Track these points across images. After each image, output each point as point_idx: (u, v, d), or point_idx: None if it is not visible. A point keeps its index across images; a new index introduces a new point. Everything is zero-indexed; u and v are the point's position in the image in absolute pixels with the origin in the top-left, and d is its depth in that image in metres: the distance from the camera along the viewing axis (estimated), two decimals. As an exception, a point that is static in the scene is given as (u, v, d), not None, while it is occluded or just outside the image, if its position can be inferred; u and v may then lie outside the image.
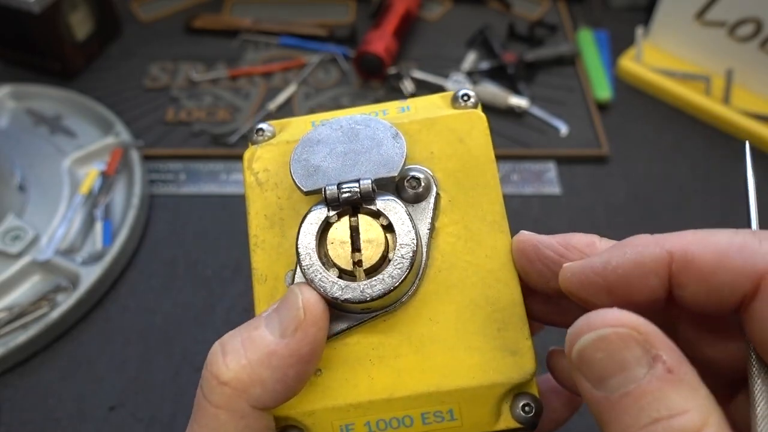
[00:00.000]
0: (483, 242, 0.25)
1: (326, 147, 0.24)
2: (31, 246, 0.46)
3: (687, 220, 0.51)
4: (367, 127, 0.24)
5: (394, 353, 0.24)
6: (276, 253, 0.25)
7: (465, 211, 0.25)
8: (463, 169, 0.26)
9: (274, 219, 0.26)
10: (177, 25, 0.67)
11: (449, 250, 0.25)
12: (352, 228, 0.24)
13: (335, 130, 0.24)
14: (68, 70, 0.60)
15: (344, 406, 0.23)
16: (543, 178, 0.54)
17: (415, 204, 0.25)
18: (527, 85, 0.61)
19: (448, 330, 0.24)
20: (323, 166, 0.24)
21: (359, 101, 0.60)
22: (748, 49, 0.57)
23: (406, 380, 0.23)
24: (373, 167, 0.23)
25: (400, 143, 0.24)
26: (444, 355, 0.24)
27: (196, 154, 0.55)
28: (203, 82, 0.61)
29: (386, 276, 0.23)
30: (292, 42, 0.65)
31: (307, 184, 0.23)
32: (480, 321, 0.24)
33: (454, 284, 0.24)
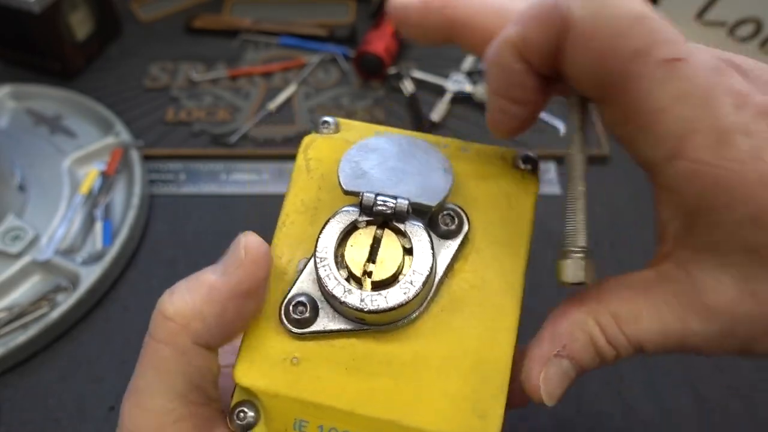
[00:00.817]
0: (493, 300, 0.25)
1: (379, 157, 0.24)
2: (31, 246, 0.46)
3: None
4: (424, 152, 0.25)
5: (372, 371, 0.24)
6: (299, 238, 0.25)
7: (487, 264, 0.25)
8: (500, 224, 0.26)
9: (309, 206, 0.26)
10: (177, 25, 0.67)
11: (459, 294, 0.25)
12: (375, 239, 0.24)
13: (393, 145, 0.25)
14: (68, 70, 0.60)
15: (308, 403, 0.23)
16: (543, 178, 0.54)
17: (442, 239, 0.25)
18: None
19: (430, 369, 0.24)
20: (370, 173, 0.24)
21: (359, 101, 0.60)
22: (748, 49, 0.57)
23: (372, 400, 0.23)
24: (415, 191, 0.24)
25: (448, 178, 0.24)
26: (417, 390, 0.23)
27: (196, 154, 0.55)
28: (203, 82, 0.61)
29: (389, 295, 0.23)
30: (292, 42, 0.65)
31: (349, 184, 0.24)
32: (463, 373, 0.24)
33: (452, 328, 0.24)
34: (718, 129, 0.19)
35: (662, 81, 0.19)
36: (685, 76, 0.19)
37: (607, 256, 0.48)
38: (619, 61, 0.19)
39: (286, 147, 0.56)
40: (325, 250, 0.24)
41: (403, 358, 0.24)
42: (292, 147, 0.56)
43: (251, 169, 0.54)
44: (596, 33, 0.19)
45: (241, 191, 0.53)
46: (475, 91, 0.59)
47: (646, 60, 0.19)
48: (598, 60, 0.19)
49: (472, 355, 0.24)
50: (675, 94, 0.19)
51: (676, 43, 0.20)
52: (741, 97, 0.19)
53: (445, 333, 0.24)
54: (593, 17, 0.19)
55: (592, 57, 0.19)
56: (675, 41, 0.20)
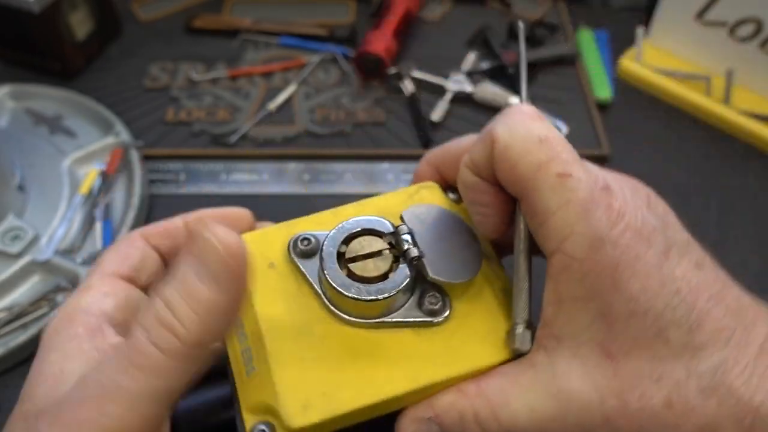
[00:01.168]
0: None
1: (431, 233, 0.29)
2: (31, 246, 0.46)
3: (687, 219, 0.51)
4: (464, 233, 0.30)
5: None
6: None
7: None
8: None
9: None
10: (177, 25, 0.67)
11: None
12: (380, 250, 0.28)
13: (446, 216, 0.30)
14: (68, 70, 0.60)
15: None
16: (543, 178, 0.54)
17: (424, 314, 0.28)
18: (527, 85, 0.61)
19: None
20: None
21: (359, 101, 0.59)
22: (749, 49, 0.57)
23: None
24: (439, 265, 0.28)
25: (474, 268, 0.28)
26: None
27: (196, 154, 0.55)
28: (203, 82, 0.61)
29: (361, 287, 0.27)
30: (292, 42, 0.65)
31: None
32: None
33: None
34: (592, 236, 0.23)
35: (553, 190, 0.24)
36: (570, 188, 0.24)
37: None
38: (526, 170, 0.24)
39: (287, 147, 0.56)
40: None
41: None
42: (293, 147, 0.56)
43: (251, 169, 0.54)
44: (510, 148, 0.25)
45: (241, 191, 0.53)
46: (476, 92, 0.59)
47: (545, 172, 0.24)
48: (512, 169, 0.25)
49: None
50: (562, 202, 0.24)
51: (568, 162, 0.24)
52: (613, 213, 0.24)
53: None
54: (510, 136, 0.25)
55: (508, 166, 0.25)
56: (567, 160, 0.24)
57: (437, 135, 0.57)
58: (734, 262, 0.48)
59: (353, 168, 0.55)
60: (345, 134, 0.57)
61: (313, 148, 0.56)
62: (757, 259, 0.48)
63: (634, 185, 0.28)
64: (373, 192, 0.52)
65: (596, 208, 0.23)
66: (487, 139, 0.26)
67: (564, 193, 0.24)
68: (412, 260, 0.27)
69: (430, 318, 0.27)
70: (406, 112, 0.59)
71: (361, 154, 0.55)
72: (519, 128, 0.25)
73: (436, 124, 0.57)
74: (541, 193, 0.24)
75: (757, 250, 0.49)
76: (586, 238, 0.23)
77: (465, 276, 0.27)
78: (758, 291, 0.46)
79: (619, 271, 0.23)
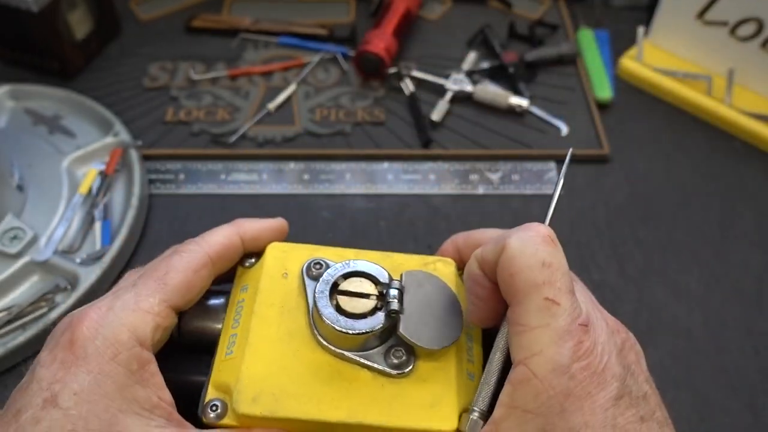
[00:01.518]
0: None
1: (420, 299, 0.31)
2: (30, 246, 0.46)
3: (687, 219, 0.51)
4: (449, 302, 0.32)
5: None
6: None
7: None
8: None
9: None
10: (176, 25, 0.67)
11: None
12: (368, 293, 0.31)
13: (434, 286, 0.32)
14: (67, 70, 0.60)
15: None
16: (543, 179, 0.54)
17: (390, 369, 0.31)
18: (527, 84, 0.61)
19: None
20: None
21: (359, 101, 0.59)
22: (750, 48, 0.56)
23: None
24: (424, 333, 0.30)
25: (453, 336, 0.31)
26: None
27: (195, 154, 0.55)
28: (203, 82, 0.61)
29: (340, 318, 0.30)
30: (292, 41, 0.65)
31: None
32: None
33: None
34: (556, 362, 0.26)
35: (539, 310, 0.26)
36: (553, 314, 0.26)
37: (607, 255, 0.48)
38: (522, 284, 0.27)
39: (286, 147, 0.56)
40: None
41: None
42: (292, 147, 0.56)
43: (251, 169, 0.54)
44: (516, 260, 0.27)
45: (240, 191, 0.53)
46: (476, 91, 0.58)
47: (537, 292, 0.27)
48: (511, 277, 0.27)
49: None
50: (542, 323, 0.26)
51: (560, 291, 0.27)
52: (580, 349, 0.26)
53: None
54: (519, 249, 0.27)
55: (509, 274, 0.27)
56: (560, 289, 0.27)
57: (437, 135, 0.56)
58: (735, 262, 0.48)
59: (353, 168, 0.54)
60: (345, 134, 0.57)
61: (312, 147, 0.56)
62: (758, 258, 0.48)
63: (615, 329, 0.29)
64: (373, 193, 0.52)
65: (568, 340, 0.26)
66: (500, 243, 0.28)
67: (546, 317, 0.26)
68: (390, 312, 0.30)
69: (390, 369, 0.30)
70: (406, 112, 0.59)
71: (361, 153, 0.55)
72: (529, 246, 0.27)
73: (436, 123, 0.57)
74: (527, 309, 0.27)
75: (758, 250, 0.49)
76: (550, 362, 0.26)
77: (431, 344, 0.30)
78: (760, 291, 0.46)
79: (569, 400, 0.25)
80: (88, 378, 0.27)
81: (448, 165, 0.55)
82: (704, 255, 0.49)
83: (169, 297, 0.30)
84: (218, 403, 0.30)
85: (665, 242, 0.49)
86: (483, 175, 0.54)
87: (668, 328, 0.44)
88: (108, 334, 0.28)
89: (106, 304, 0.29)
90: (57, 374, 0.27)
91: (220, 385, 0.30)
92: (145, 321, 0.29)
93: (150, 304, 0.30)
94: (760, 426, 0.40)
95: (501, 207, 0.52)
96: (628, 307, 0.45)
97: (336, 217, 0.51)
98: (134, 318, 0.29)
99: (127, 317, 0.29)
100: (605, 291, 0.46)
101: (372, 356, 0.31)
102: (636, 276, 0.47)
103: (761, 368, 0.42)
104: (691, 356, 0.43)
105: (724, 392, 0.41)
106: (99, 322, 0.28)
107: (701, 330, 0.44)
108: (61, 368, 0.27)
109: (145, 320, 0.29)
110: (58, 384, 0.27)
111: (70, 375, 0.27)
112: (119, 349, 0.28)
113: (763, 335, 0.44)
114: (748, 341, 0.44)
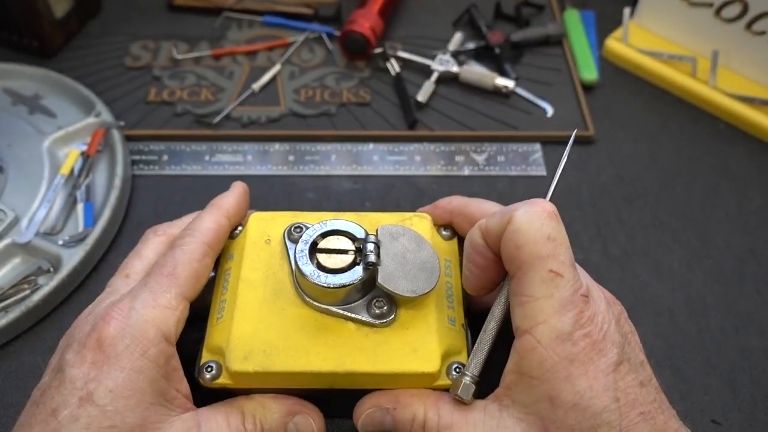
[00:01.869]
0: None
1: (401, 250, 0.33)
2: (11, 228, 0.45)
3: (672, 200, 0.51)
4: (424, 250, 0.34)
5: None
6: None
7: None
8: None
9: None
10: (159, 3, 0.66)
11: None
12: (346, 248, 0.33)
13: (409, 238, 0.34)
14: (46, 48, 0.59)
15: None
16: (529, 160, 0.54)
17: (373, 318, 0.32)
18: (513, 65, 0.60)
19: None
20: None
21: (344, 81, 0.59)
22: (734, 29, 0.57)
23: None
24: (404, 283, 0.32)
25: (431, 281, 0.32)
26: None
27: (178, 135, 0.54)
28: (186, 61, 0.60)
29: (320, 274, 0.32)
30: (277, 21, 0.64)
31: None
32: None
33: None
34: (559, 330, 0.27)
35: (543, 281, 0.28)
36: (557, 285, 0.28)
37: (591, 235, 0.48)
38: (527, 256, 0.28)
39: (271, 128, 0.55)
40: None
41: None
42: (277, 128, 0.55)
43: (235, 150, 0.54)
44: (522, 233, 0.28)
45: (224, 172, 0.52)
46: (461, 72, 0.58)
47: (541, 264, 0.28)
48: (516, 249, 0.28)
49: None
50: (545, 294, 0.28)
51: (564, 264, 0.28)
52: (582, 318, 0.28)
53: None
54: (526, 223, 0.28)
55: (514, 246, 0.28)
56: (564, 262, 0.28)
57: (423, 115, 0.56)
58: (718, 243, 0.49)
59: (338, 149, 0.54)
60: (330, 115, 0.56)
61: (297, 128, 0.55)
62: (739, 239, 0.49)
63: (612, 300, 0.31)
64: (359, 174, 0.52)
65: (570, 309, 0.27)
66: (506, 216, 0.29)
67: (550, 288, 0.28)
68: (367, 264, 0.31)
69: (373, 320, 0.32)
70: (391, 93, 0.58)
71: (346, 135, 0.55)
72: (535, 220, 0.28)
73: (422, 104, 0.57)
74: (531, 280, 0.28)
75: (740, 231, 0.49)
76: (554, 330, 0.27)
77: (409, 292, 0.31)
78: (741, 272, 0.47)
79: (573, 366, 0.27)
80: (121, 375, 0.28)
81: (434, 146, 0.55)
82: (687, 235, 0.49)
83: (183, 290, 0.32)
84: (213, 364, 0.31)
85: (648, 223, 0.50)
86: (468, 156, 0.54)
87: (650, 308, 0.45)
88: (135, 332, 0.29)
89: (126, 304, 0.30)
90: (90, 373, 0.28)
91: (213, 347, 0.32)
92: (167, 316, 0.30)
93: (167, 300, 0.31)
94: (739, 403, 0.40)
95: (487, 188, 0.52)
96: (611, 287, 0.45)
97: (321, 198, 0.51)
98: (156, 314, 0.30)
99: (149, 314, 0.30)
100: (589, 270, 0.46)
101: (355, 309, 0.32)
102: (619, 256, 0.47)
103: (741, 347, 0.43)
104: (673, 335, 0.44)
105: (704, 370, 0.42)
106: (125, 321, 0.29)
107: (683, 309, 0.45)
108: (93, 367, 0.28)
109: (166, 316, 0.30)
110: (93, 383, 0.28)
111: (103, 374, 0.28)
112: (148, 346, 0.29)
113: (743, 314, 0.45)
114: (728, 320, 0.44)
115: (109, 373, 0.28)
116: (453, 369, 0.32)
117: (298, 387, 0.32)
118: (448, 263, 0.36)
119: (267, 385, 0.32)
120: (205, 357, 0.32)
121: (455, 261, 0.37)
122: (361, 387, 0.32)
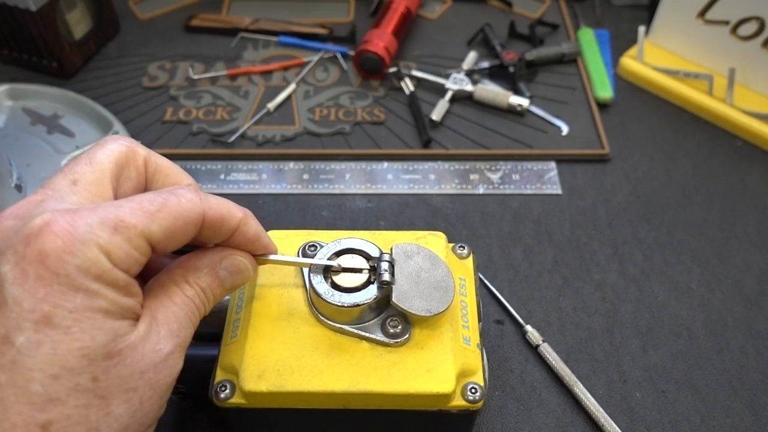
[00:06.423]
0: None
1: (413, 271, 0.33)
2: (28, 246, 0.46)
3: (689, 218, 0.51)
4: (440, 271, 0.33)
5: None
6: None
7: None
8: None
9: None
10: (175, 24, 0.67)
11: None
12: (360, 267, 0.32)
13: (424, 258, 0.33)
14: (66, 69, 0.60)
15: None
16: (544, 178, 0.53)
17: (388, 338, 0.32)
18: (528, 84, 0.60)
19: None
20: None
21: (359, 100, 0.59)
22: (751, 47, 0.56)
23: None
24: (418, 303, 0.31)
25: (446, 301, 0.32)
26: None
27: (194, 154, 0.55)
28: (202, 81, 0.61)
29: (350, 298, 0.31)
30: (292, 41, 0.65)
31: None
32: None
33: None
34: None
35: None
36: None
37: (607, 254, 0.48)
38: None
39: (286, 147, 0.55)
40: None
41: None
42: (292, 147, 0.55)
43: (250, 168, 0.54)
44: None
45: (239, 191, 0.52)
46: (476, 91, 0.58)
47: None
48: None
49: None
50: None
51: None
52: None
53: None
54: None
55: None
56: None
57: (437, 134, 0.56)
58: (737, 262, 0.48)
59: (353, 167, 0.54)
60: (344, 133, 0.57)
61: (312, 147, 0.55)
62: (758, 258, 0.48)
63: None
64: (373, 192, 0.52)
65: None
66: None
67: None
68: (382, 283, 0.31)
69: (387, 339, 0.31)
70: (405, 112, 0.58)
71: (361, 153, 0.55)
72: None
73: (436, 123, 0.57)
74: None
75: (759, 250, 0.49)
76: None
77: (424, 311, 0.31)
78: (761, 291, 0.46)
79: None
80: (78, 294, 0.24)
81: (448, 164, 0.54)
82: (705, 255, 0.48)
83: (152, 235, 0.26)
84: (227, 384, 0.31)
85: (666, 242, 0.49)
86: (483, 175, 0.54)
87: (669, 328, 0.44)
88: (88, 253, 0.24)
89: (83, 218, 0.25)
90: (38, 291, 0.23)
91: (227, 366, 0.32)
92: (123, 249, 0.25)
93: (131, 234, 0.25)
94: (761, 426, 0.39)
95: (501, 206, 0.51)
96: (629, 307, 0.45)
97: (336, 217, 0.51)
98: (113, 242, 0.25)
99: (104, 236, 0.25)
100: (606, 291, 0.46)
101: (369, 328, 0.32)
102: (637, 276, 0.47)
103: (762, 368, 0.42)
104: (692, 356, 0.43)
105: (725, 392, 0.41)
106: (72, 234, 0.24)
107: (702, 330, 0.44)
108: (40, 285, 0.24)
109: (123, 248, 0.25)
110: (45, 303, 0.24)
111: (55, 293, 0.24)
112: (102, 269, 0.24)
113: (764, 335, 0.44)
114: (749, 341, 0.44)
115: (63, 293, 0.24)
116: (468, 389, 0.31)
117: (312, 407, 0.32)
118: (462, 282, 0.36)
119: (281, 404, 0.31)
120: (219, 376, 0.32)
121: (470, 280, 0.36)
122: (375, 407, 0.32)
